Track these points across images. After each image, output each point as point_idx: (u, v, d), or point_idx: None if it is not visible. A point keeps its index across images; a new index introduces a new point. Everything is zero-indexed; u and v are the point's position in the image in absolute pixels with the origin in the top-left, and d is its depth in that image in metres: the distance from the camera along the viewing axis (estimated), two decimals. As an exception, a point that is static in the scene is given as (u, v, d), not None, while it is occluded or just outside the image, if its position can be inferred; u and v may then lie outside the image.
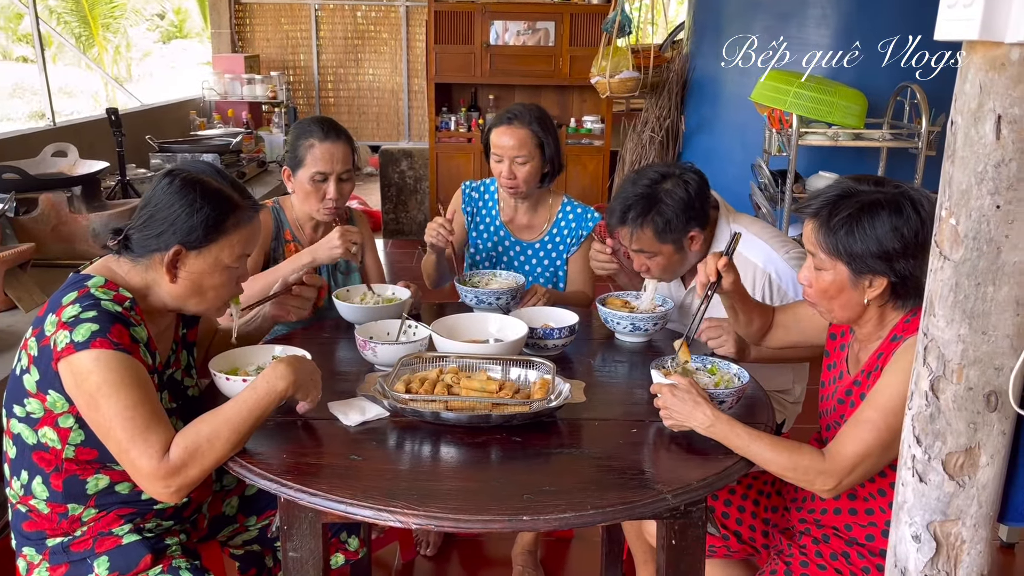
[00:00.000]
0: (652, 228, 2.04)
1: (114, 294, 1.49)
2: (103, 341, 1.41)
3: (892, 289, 1.54)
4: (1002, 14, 1.03)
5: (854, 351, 1.69)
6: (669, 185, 2.05)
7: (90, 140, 4.59)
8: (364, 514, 1.33)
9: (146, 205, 1.56)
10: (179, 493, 1.42)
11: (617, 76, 5.46)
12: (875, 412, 1.49)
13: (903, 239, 1.49)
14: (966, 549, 1.23)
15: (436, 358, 1.79)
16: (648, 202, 2.04)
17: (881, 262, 1.51)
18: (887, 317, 1.59)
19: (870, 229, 1.51)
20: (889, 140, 4.24)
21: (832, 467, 1.49)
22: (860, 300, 1.57)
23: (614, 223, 2.10)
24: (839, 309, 1.61)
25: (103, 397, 1.39)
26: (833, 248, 1.54)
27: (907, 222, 1.49)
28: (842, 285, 1.56)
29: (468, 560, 2.63)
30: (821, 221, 1.56)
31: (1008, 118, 1.07)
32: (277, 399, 1.49)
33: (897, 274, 1.52)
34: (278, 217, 2.35)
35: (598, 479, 1.43)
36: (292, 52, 9.59)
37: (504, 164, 2.45)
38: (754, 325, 1.92)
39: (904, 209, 1.50)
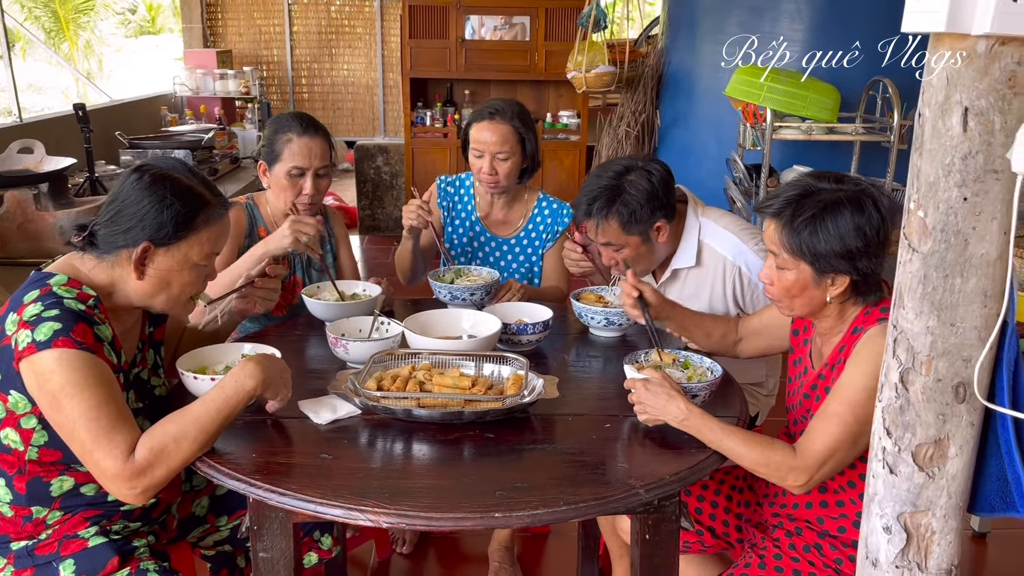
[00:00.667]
0: (617, 219, 2.05)
1: (77, 292, 1.47)
2: (66, 340, 1.38)
3: (854, 286, 1.55)
4: (968, 6, 1.03)
5: (817, 345, 1.70)
6: (633, 177, 2.05)
7: (58, 136, 4.52)
8: (334, 513, 1.32)
9: (113, 201, 1.53)
10: (145, 494, 1.39)
11: (593, 71, 5.45)
12: (841, 405, 1.50)
13: (865, 238, 1.50)
14: (936, 540, 1.24)
15: (409, 355, 1.78)
16: (612, 193, 2.04)
17: (844, 261, 1.52)
18: (847, 312, 1.61)
19: (833, 228, 1.51)
20: (862, 134, 4.27)
21: (803, 463, 1.50)
22: (822, 298, 1.58)
23: (580, 216, 2.11)
24: (800, 306, 1.62)
25: (66, 397, 1.36)
26: (796, 248, 1.54)
27: (869, 220, 1.50)
28: (805, 284, 1.57)
29: (444, 557, 2.62)
30: (784, 221, 1.56)
31: (975, 110, 1.07)
32: (246, 398, 1.47)
33: (859, 272, 1.52)
34: (252, 213, 2.32)
35: (571, 475, 1.43)
36: (265, 47, 9.50)
37: (485, 160, 2.43)
38: (713, 336, 1.93)
39: (866, 207, 1.51)
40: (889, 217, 1.52)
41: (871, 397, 1.47)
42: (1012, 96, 1.06)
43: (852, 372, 1.51)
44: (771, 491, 1.78)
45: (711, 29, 5.13)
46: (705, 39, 5.17)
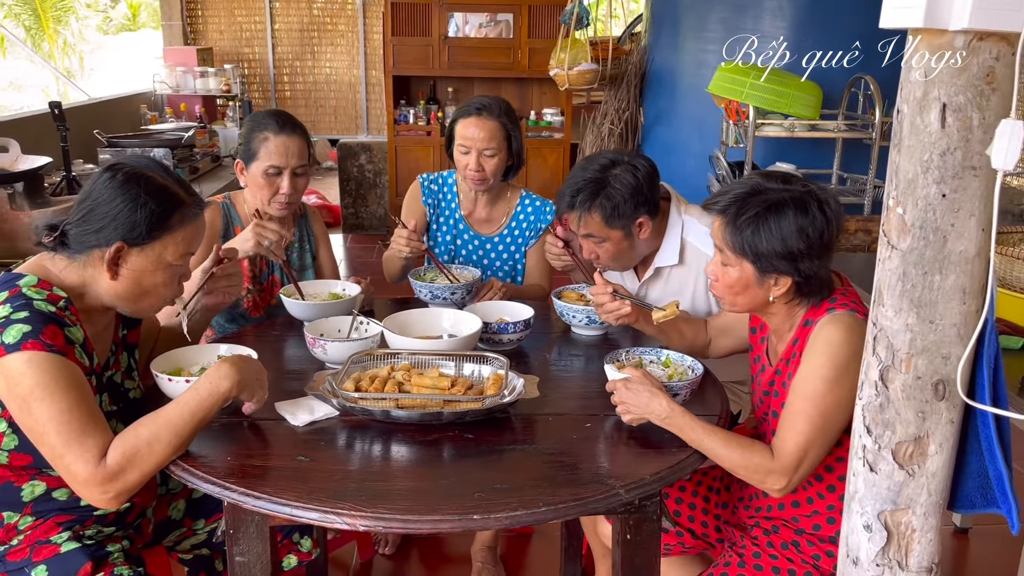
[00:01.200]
0: (600, 212, 2.04)
1: (48, 293, 1.44)
2: (35, 343, 1.35)
3: (796, 287, 1.55)
4: (946, 1, 1.02)
5: (772, 343, 1.70)
6: (618, 171, 2.05)
7: (35, 135, 4.46)
8: (310, 517, 1.30)
9: (85, 200, 1.50)
10: (118, 499, 1.37)
11: (576, 68, 5.44)
12: (804, 401, 1.49)
13: (808, 239, 1.49)
14: (916, 538, 1.24)
15: (388, 355, 1.76)
16: (596, 186, 2.04)
17: (785, 262, 1.52)
18: (794, 311, 1.61)
19: (776, 229, 1.50)
20: (844, 131, 4.29)
21: (779, 465, 1.49)
22: (765, 297, 1.58)
23: (563, 207, 2.10)
24: (743, 304, 1.62)
25: (36, 401, 1.34)
26: (739, 246, 1.54)
27: (812, 222, 1.50)
28: (747, 282, 1.57)
29: (427, 558, 2.61)
30: (728, 218, 1.56)
31: (953, 106, 1.06)
32: (220, 400, 1.45)
33: (801, 274, 1.52)
34: (228, 213, 2.29)
35: (551, 475, 1.41)
36: (247, 44, 9.43)
37: (472, 156, 2.41)
38: (687, 337, 1.94)
39: (810, 209, 1.50)
40: (834, 220, 1.52)
41: (831, 387, 1.48)
42: (990, 92, 1.05)
43: (808, 365, 1.51)
44: (746, 493, 1.78)
45: (694, 26, 5.13)
46: (688, 36, 5.17)
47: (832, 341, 1.49)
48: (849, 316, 1.51)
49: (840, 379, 1.47)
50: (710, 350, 1.96)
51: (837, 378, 1.47)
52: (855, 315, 1.52)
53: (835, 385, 1.48)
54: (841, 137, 4.38)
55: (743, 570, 1.63)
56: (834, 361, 1.48)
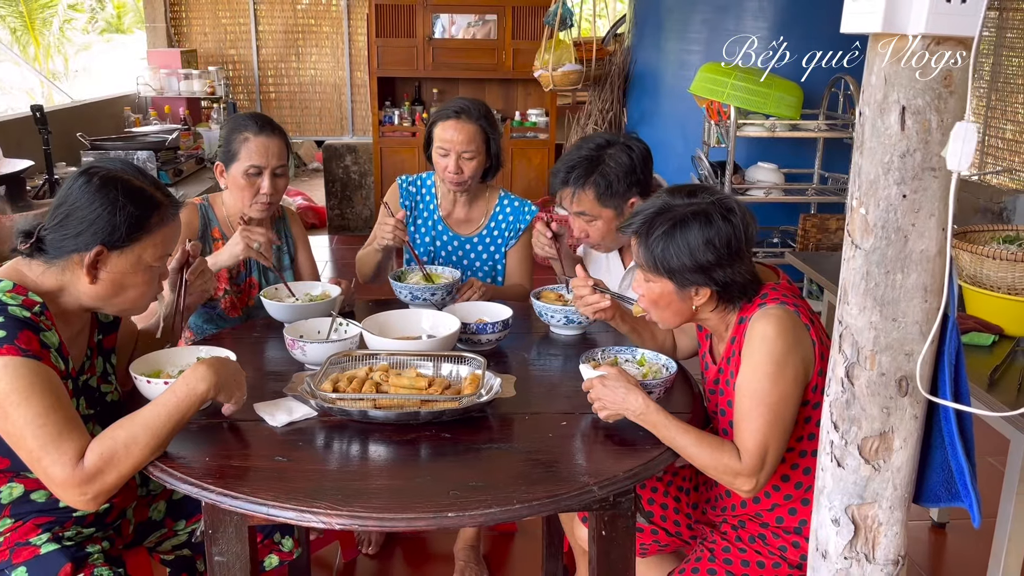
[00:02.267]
0: (594, 190, 2.08)
1: (23, 299, 1.44)
2: (10, 348, 1.36)
3: (717, 296, 1.59)
4: (903, 7, 1.05)
5: (714, 342, 1.74)
6: (613, 151, 2.10)
7: (17, 138, 4.44)
8: (287, 516, 1.31)
9: (61, 204, 1.50)
10: (96, 500, 1.38)
11: (560, 69, 5.46)
12: (751, 400, 1.52)
13: (716, 250, 1.53)
14: (883, 531, 1.26)
15: (366, 356, 1.77)
16: (592, 164, 2.09)
17: (698, 274, 1.55)
18: (726, 314, 1.64)
19: (683, 244, 1.54)
20: (824, 131, 4.33)
21: (745, 467, 1.51)
22: (689, 308, 1.61)
23: (557, 184, 2.14)
24: (671, 317, 1.65)
25: (12, 405, 1.35)
26: (653, 265, 1.58)
27: (718, 233, 1.53)
28: (670, 297, 1.61)
29: (410, 557, 2.62)
30: (641, 238, 1.60)
31: (912, 109, 1.09)
32: (198, 402, 1.46)
33: (717, 283, 1.56)
34: (206, 214, 2.30)
35: (526, 473, 1.43)
36: (231, 46, 9.40)
37: (450, 159, 2.43)
38: (658, 339, 1.96)
39: (714, 220, 1.54)
40: (741, 227, 1.55)
41: (775, 382, 1.51)
42: (948, 95, 1.08)
43: (748, 364, 1.54)
44: (712, 494, 1.81)
45: (676, 27, 5.16)
46: (670, 37, 5.20)
47: (767, 336, 1.52)
48: (778, 309, 1.54)
49: (781, 372, 1.51)
50: (677, 351, 2.00)
51: (778, 372, 1.50)
52: (785, 307, 1.55)
53: (778, 379, 1.51)
54: (822, 137, 4.41)
55: (714, 564, 1.65)
56: (772, 356, 1.51)
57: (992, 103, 5.87)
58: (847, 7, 1.11)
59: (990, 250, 2.05)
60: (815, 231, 3.94)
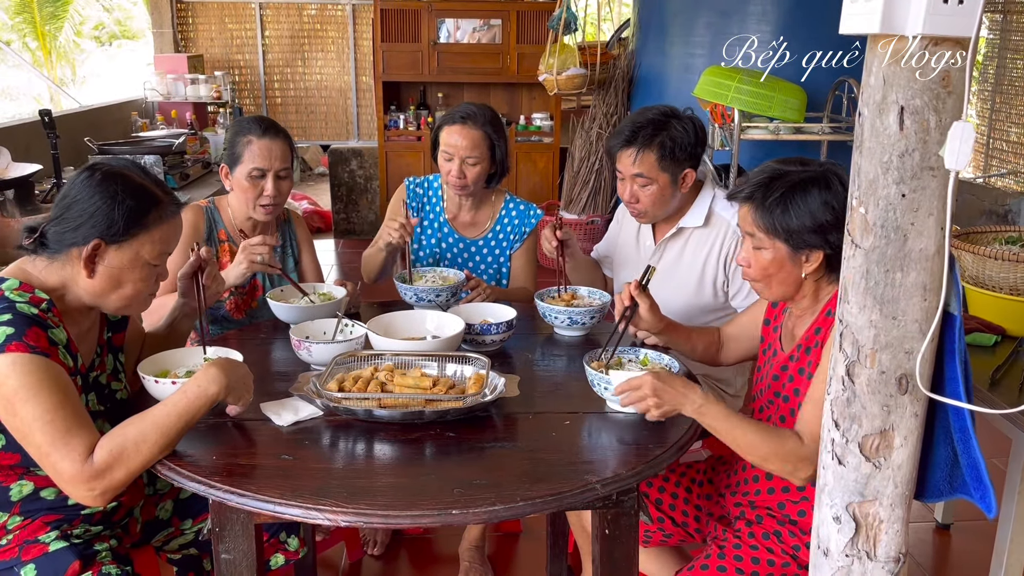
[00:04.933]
0: (658, 151, 2.16)
1: (30, 296, 1.46)
2: (18, 345, 1.38)
3: (827, 262, 1.61)
4: (901, 8, 1.06)
5: (788, 328, 1.74)
6: (679, 120, 2.19)
7: (25, 143, 4.48)
8: (293, 513, 1.33)
9: (63, 199, 1.52)
10: (104, 496, 1.40)
11: (564, 73, 5.48)
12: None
13: (835, 212, 1.56)
14: (884, 528, 1.27)
15: (371, 356, 1.79)
16: (658, 127, 2.17)
17: (816, 235, 1.58)
18: (822, 291, 1.66)
19: (803, 205, 1.57)
20: (828, 134, 4.33)
21: (810, 451, 1.47)
22: (798, 275, 1.63)
23: (619, 143, 2.20)
24: (777, 285, 1.67)
25: (20, 402, 1.36)
26: (771, 227, 1.61)
27: (836, 196, 1.57)
28: (782, 262, 1.63)
29: (415, 558, 2.63)
30: (756, 203, 1.62)
31: (910, 109, 1.10)
32: (208, 403, 1.48)
33: (832, 246, 1.58)
34: (212, 217, 2.32)
35: (530, 471, 1.44)
36: (237, 51, 9.46)
37: (454, 163, 2.44)
38: (698, 349, 1.97)
39: (832, 184, 1.58)
40: None
41: None
42: (946, 95, 1.09)
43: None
44: (732, 480, 1.81)
45: (680, 31, 5.17)
46: (674, 41, 5.21)
47: None
48: None
49: None
50: (722, 357, 2.01)
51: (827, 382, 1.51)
52: None
53: None
54: (826, 140, 4.41)
55: (723, 561, 1.66)
56: None
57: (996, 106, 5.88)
58: (846, 8, 1.13)
59: (993, 251, 2.06)
60: (819, 233, 3.93)
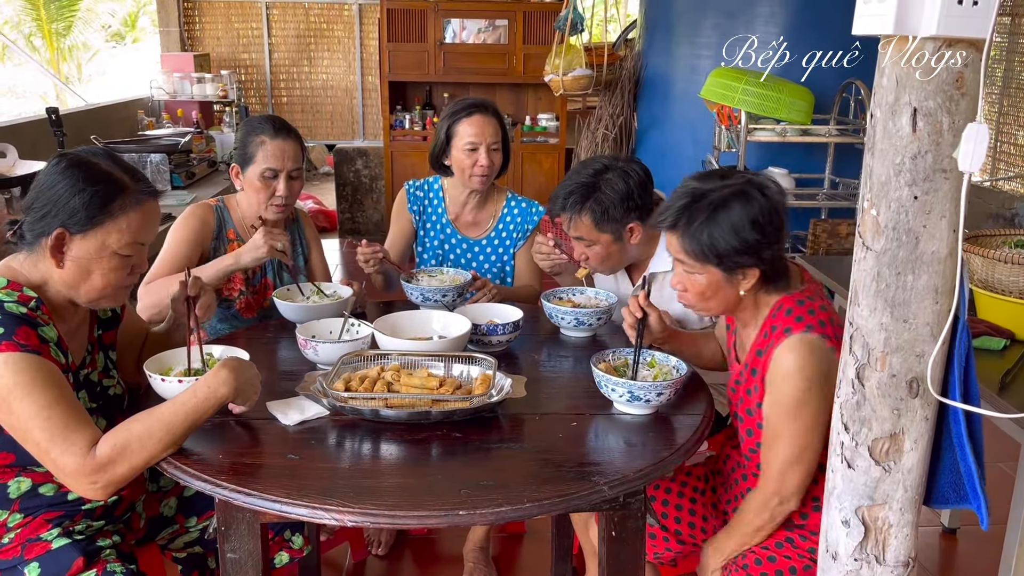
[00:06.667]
0: (590, 216, 2.10)
1: (18, 295, 1.46)
2: (8, 344, 1.37)
3: (763, 275, 1.59)
4: (915, 9, 1.05)
5: (740, 337, 1.74)
6: (610, 175, 2.10)
7: (32, 141, 4.49)
8: (299, 513, 1.32)
9: (33, 189, 1.51)
10: (106, 490, 1.40)
11: (570, 74, 5.48)
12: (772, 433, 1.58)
13: (760, 227, 1.54)
14: (893, 533, 1.26)
15: (377, 356, 1.78)
16: (588, 190, 2.10)
17: (747, 255, 1.55)
18: (761, 301, 1.65)
19: (728, 227, 1.54)
20: (835, 135, 4.32)
21: (773, 490, 1.58)
22: (736, 294, 1.62)
23: (555, 209, 2.16)
24: (716, 305, 1.66)
25: (16, 400, 1.36)
26: (700, 253, 1.58)
27: (760, 210, 1.54)
28: (717, 285, 1.61)
29: (419, 558, 2.63)
30: (681, 230, 1.60)
31: (923, 111, 1.09)
32: (217, 404, 1.47)
33: (764, 261, 1.56)
34: (221, 216, 2.32)
35: (536, 472, 1.44)
36: (244, 50, 9.47)
37: (480, 152, 2.45)
38: (705, 355, 1.97)
39: (752, 197, 1.55)
40: (779, 201, 1.57)
41: (795, 416, 1.55)
42: (959, 97, 1.08)
43: (770, 396, 1.57)
44: (732, 494, 1.81)
45: (687, 32, 5.16)
46: (681, 42, 5.20)
47: (788, 375, 1.54)
48: (799, 340, 1.55)
49: (802, 408, 1.54)
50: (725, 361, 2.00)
51: (799, 408, 1.54)
52: (809, 334, 1.55)
53: (799, 415, 1.54)
54: (833, 142, 4.41)
55: (744, 571, 1.64)
56: (792, 396, 1.54)
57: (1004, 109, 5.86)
58: (859, 9, 1.12)
59: (1002, 254, 2.04)
60: (825, 236, 3.94)
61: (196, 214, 2.27)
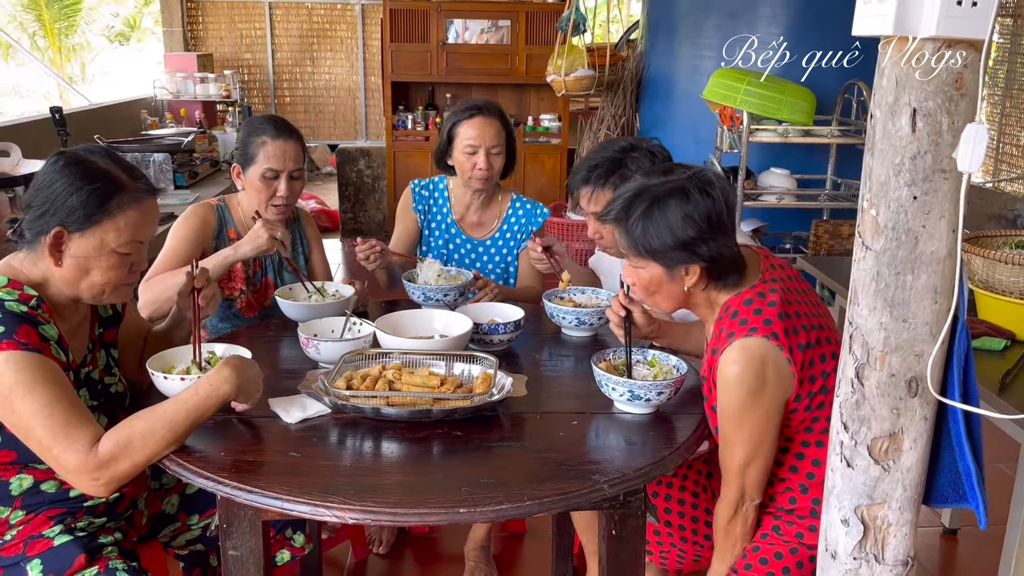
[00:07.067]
0: (613, 191, 2.08)
1: (19, 293, 1.46)
2: (9, 343, 1.38)
3: (707, 273, 1.58)
4: (914, 10, 1.06)
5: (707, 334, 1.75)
6: (637, 154, 2.11)
7: (35, 140, 4.50)
8: (301, 510, 1.33)
9: (32, 188, 1.51)
10: (109, 486, 1.40)
11: (572, 74, 5.48)
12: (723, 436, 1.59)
13: (696, 224, 1.53)
14: (892, 532, 1.27)
15: (379, 354, 1.79)
16: (614, 165, 2.10)
17: (683, 252, 1.55)
18: (714, 298, 1.63)
19: (663, 222, 1.54)
20: (837, 136, 4.33)
21: (728, 495, 1.60)
22: (681, 289, 1.61)
23: (577, 182, 2.16)
24: (664, 301, 1.65)
25: (17, 398, 1.37)
26: (636, 248, 1.58)
27: (696, 207, 1.53)
28: (660, 280, 1.61)
29: (421, 557, 2.63)
30: (621, 225, 1.60)
31: (923, 111, 1.10)
32: (219, 402, 1.48)
33: (703, 258, 1.55)
34: (222, 215, 2.33)
35: (537, 471, 1.44)
36: (247, 50, 9.49)
37: (480, 155, 2.45)
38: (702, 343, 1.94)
39: (691, 195, 1.54)
40: (722, 199, 1.55)
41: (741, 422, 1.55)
42: (959, 97, 1.09)
43: (721, 400, 1.56)
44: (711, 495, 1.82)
45: (689, 33, 5.17)
46: (683, 43, 5.21)
47: (731, 381, 1.53)
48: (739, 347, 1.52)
49: (749, 406, 1.53)
50: None
51: (746, 407, 1.53)
52: (750, 337, 1.52)
53: (745, 419, 1.54)
54: (835, 143, 4.41)
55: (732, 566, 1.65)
56: (738, 401, 1.53)
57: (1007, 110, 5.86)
58: (859, 10, 1.12)
59: (1002, 255, 2.05)
60: (827, 237, 3.94)
61: (197, 213, 2.28)
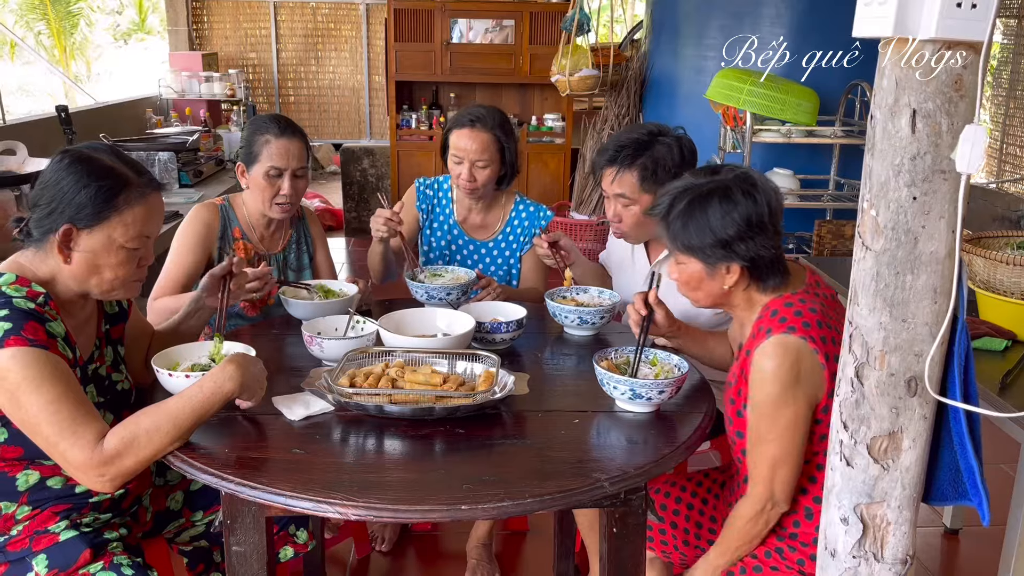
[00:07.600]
0: (639, 172, 2.11)
1: (27, 290, 1.47)
2: (17, 339, 1.39)
3: (748, 272, 1.59)
4: (914, 11, 1.06)
5: (735, 332, 1.75)
6: (665, 139, 2.13)
7: (41, 139, 4.51)
8: (304, 506, 1.34)
9: (39, 185, 1.52)
10: (114, 482, 1.42)
11: (576, 74, 5.50)
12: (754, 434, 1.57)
13: (736, 224, 1.54)
14: (891, 530, 1.27)
15: (382, 353, 1.80)
16: (641, 147, 2.11)
17: (722, 250, 1.56)
18: (755, 299, 1.64)
19: (703, 220, 1.55)
20: (841, 137, 4.33)
21: (756, 495, 1.57)
22: (720, 287, 1.62)
23: (603, 161, 2.16)
24: (704, 298, 1.66)
25: (24, 394, 1.38)
26: (678, 244, 1.60)
27: (737, 206, 1.54)
28: (700, 276, 1.62)
29: (423, 554, 2.65)
30: (663, 220, 1.62)
31: (922, 112, 1.10)
32: (223, 399, 1.49)
33: (743, 258, 1.56)
34: (226, 215, 2.34)
35: (538, 468, 1.45)
36: (251, 49, 9.51)
37: (464, 167, 2.45)
38: (715, 355, 1.95)
39: (733, 194, 1.55)
40: (764, 201, 1.56)
41: (774, 419, 1.54)
42: (958, 98, 1.10)
43: (751, 399, 1.56)
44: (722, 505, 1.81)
45: (693, 33, 5.17)
46: (687, 43, 5.22)
47: (764, 378, 1.54)
48: (781, 341, 1.53)
49: (780, 410, 1.53)
50: None
51: (780, 402, 1.53)
52: (788, 335, 1.53)
53: (778, 417, 1.54)
54: (838, 143, 4.41)
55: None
56: (770, 397, 1.53)
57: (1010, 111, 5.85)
58: (859, 11, 1.13)
59: (1004, 255, 2.05)
60: (830, 237, 3.94)
61: (199, 217, 2.28)
